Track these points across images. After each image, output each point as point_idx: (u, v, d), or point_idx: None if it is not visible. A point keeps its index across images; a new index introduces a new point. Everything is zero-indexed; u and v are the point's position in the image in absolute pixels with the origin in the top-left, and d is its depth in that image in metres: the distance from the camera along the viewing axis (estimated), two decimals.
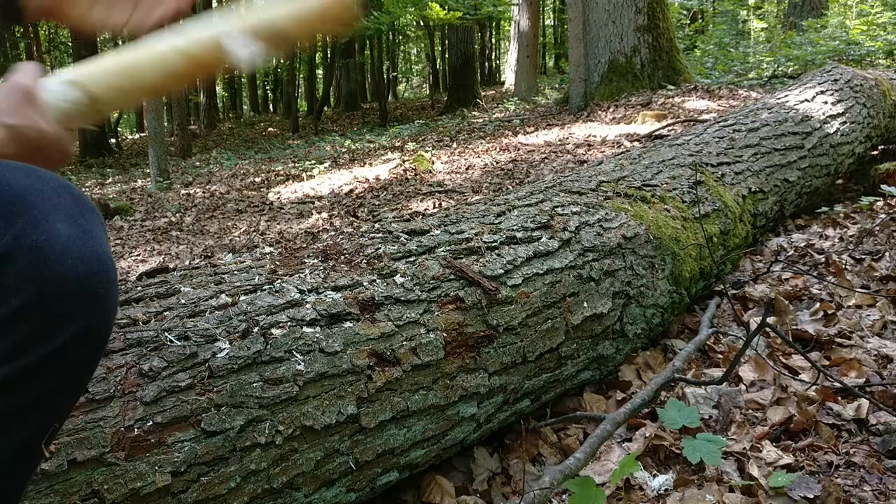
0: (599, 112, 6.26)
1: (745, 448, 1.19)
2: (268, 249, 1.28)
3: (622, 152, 2.44)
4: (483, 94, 13.10)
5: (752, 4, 14.17)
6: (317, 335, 1.00)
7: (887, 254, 2.00)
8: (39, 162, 0.48)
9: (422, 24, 13.99)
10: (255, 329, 0.96)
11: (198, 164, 9.22)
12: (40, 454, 0.45)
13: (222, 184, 6.60)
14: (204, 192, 6.15)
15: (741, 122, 2.52)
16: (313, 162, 6.82)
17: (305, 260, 1.19)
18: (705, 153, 2.20)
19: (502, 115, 8.68)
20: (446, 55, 15.62)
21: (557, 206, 1.54)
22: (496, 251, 1.30)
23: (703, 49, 10.92)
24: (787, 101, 2.80)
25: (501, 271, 1.26)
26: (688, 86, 6.55)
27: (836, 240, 2.23)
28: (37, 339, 0.40)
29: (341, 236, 1.33)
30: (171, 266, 1.20)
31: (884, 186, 2.58)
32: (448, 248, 1.27)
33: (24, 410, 0.42)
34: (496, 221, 1.41)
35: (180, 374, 0.87)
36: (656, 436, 1.24)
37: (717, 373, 1.46)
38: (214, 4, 17.06)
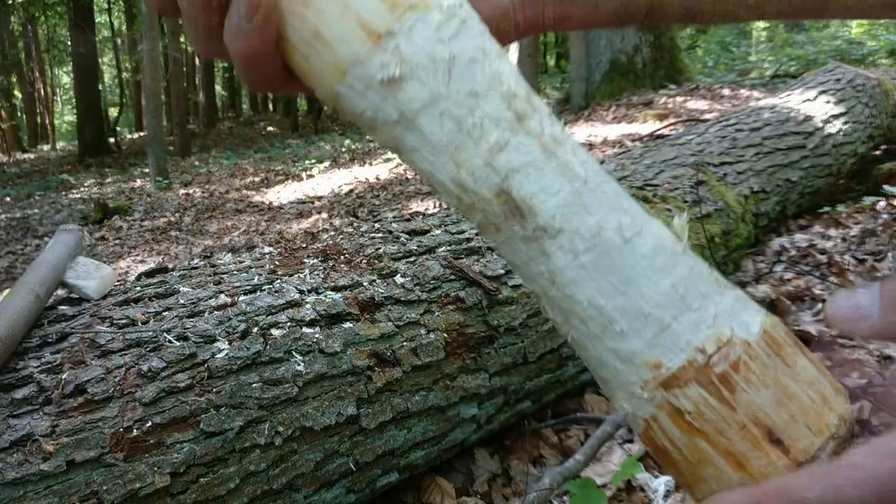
0: (601, 111, 6.25)
1: None
2: (267, 249, 1.27)
3: (624, 152, 2.43)
4: None
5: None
6: (316, 335, 0.99)
7: (889, 254, 1.99)
8: None
9: None
10: (255, 329, 0.96)
11: (197, 163, 9.22)
12: None
13: (221, 183, 6.60)
14: (203, 192, 6.15)
15: (743, 122, 2.51)
16: (313, 161, 6.82)
17: (305, 260, 1.19)
18: (707, 153, 2.20)
19: None
20: None
21: None
22: (496, 251, 1.30)
23: (705, 48, 10.92)
24: (789, 101, 2.80)
25: (502, 271, 1.25)
26: (689, 85, 6.55)
27: (839, 240, 2.23)
28: None
29: (341, 236, 1.33)
30: (171, 266, 1.20)
31: (886, 186, 2.57)
32: (448, 248, 1.26)
33: None
34: None
35: (179, 375, 0.87)
36: None
37: None
38: None
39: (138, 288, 1.06)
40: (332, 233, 3.28)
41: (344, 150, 7.66)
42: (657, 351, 0.28)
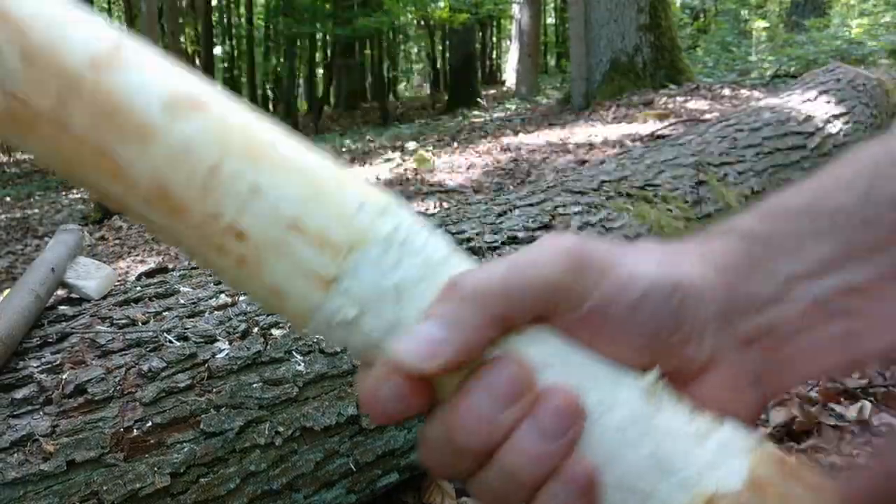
0: (601, 111, 6.25)
1: None
2: None
3: (624, 152, 2.43)
4: (484, 93, 13.09)
5: (755, 3, 14.16)
6: (317, 335, 0.99)
7: None
8: None
9: (422, 23, 13.98)
10: (255, 329, 0.96)
11: None
12: None
13: None
14: None
15: (743, 122, 2.51)
16: None
17: None
18: (707, 153, 2.20)
19: (503, 114, 8.67)
20: (447, 54, 15.62)
21: (559, 206, 1.54)
22: (497, 251, 1.30)
23: (705, 48, 10.92)
24: (790, 101, 2.80)
25: None
26: (690, 85, 6.54)
27: None
28: None
29: None
30: (171, 266, 1.20)
31: None
32: None
33: None
34: (497, 221, 1.41)
35: (179, 375, 0.87)
36: None
37: None
38: (214, 2, 17.06)
39: (138, 288, 1.06)
40: None
41: (344, 150, 7.67)
42: None
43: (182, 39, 12.32)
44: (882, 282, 0.30)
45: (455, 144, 6.28)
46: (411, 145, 6.63)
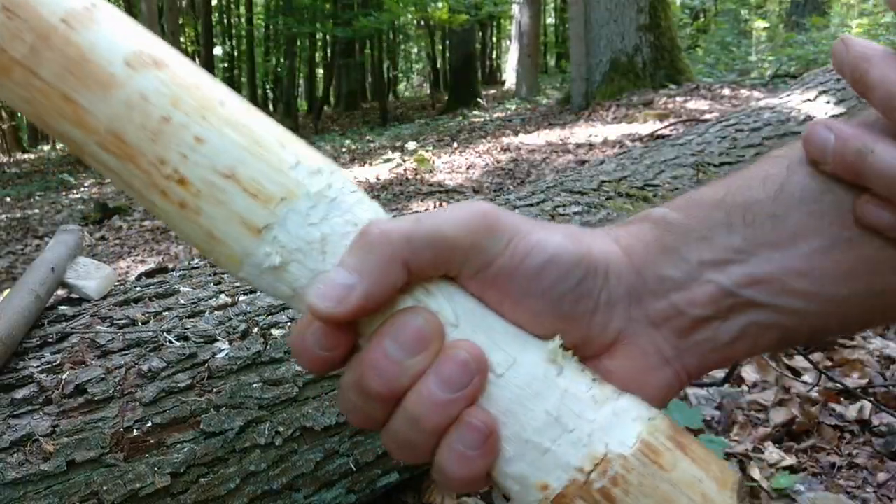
0: (601, 111, 6.25)
1: (747, 449, 1.18)
2: None
3: (624, 152, 2.43)
4: (484, 93, 13.09)
5: (755, 3, 14.16)
6: None
7: None
8: None
9: (422, 23, 13.99)
10: (255, 329, 0.96)
11: None
12: None
13: None
14: None
15: (743, 122, 2.51)
16: None
17: None
18: (707, 153, 2.20)
19: (503, 114, 8.67)
20: (447, 54, 15.63)
21: (559, 206, 1.54)
22: None
23: (705, 48, 10.93)
24: (790, 101, 2.80)
25: None
26: (690, 85, 6.55)
27: None
28: None
29: None
30: (171, 266, 1.20)
31: None
32: None
33: None
34: None
35: (179, 375, 0.87)
36: None
37: (720, 374, 1.46)
38: (214, 2, 17.05)
39: (138, 288, 1.06)
40: None
41: (344, 150, 7.67)
42: (542, 473, 0.30)
43: (182, 39, 12.31)
44: (786, 276, 0.30)
45: (455, 144, 6.28)
46: (411, 145, 6.62)
